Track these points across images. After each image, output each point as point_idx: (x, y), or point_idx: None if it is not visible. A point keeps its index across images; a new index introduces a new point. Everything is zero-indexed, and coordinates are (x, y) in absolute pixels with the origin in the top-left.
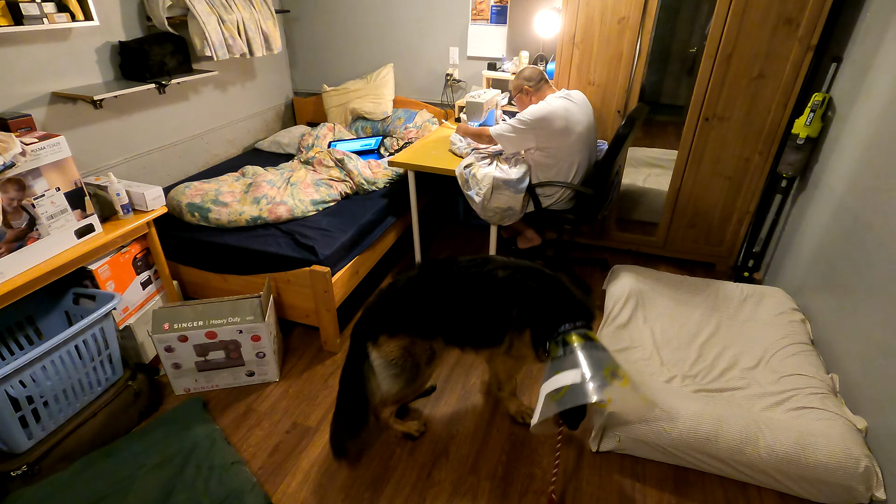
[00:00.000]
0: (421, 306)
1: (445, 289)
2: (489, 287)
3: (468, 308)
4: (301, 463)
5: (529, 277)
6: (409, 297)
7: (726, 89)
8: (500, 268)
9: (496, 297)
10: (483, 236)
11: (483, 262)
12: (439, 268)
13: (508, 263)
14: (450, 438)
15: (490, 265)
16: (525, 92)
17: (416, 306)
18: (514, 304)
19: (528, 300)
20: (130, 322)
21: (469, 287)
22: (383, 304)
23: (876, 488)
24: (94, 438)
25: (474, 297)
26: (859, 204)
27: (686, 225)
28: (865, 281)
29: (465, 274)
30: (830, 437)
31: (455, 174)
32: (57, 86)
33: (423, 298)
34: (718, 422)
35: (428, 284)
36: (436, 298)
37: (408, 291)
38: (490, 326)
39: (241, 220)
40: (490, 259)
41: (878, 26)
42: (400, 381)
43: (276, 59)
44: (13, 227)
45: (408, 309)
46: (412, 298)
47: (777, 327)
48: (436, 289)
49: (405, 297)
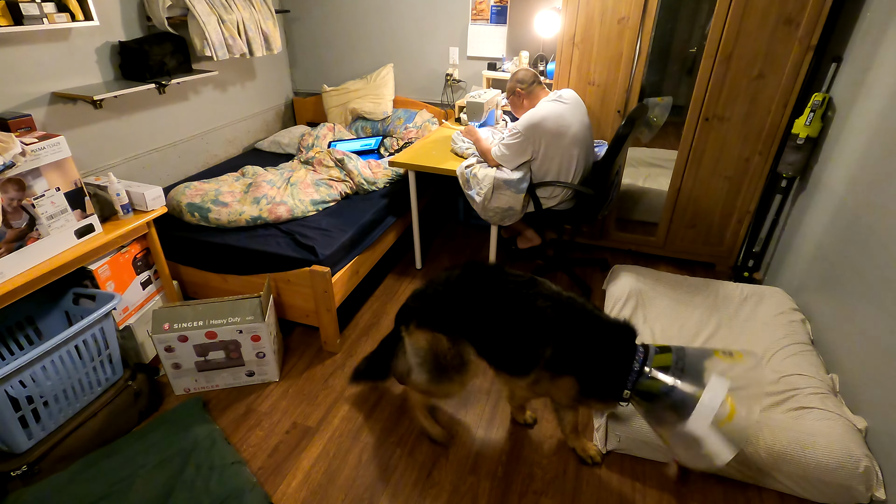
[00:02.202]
0: (453, 305)
1: (481, 297)
2: (524, 312)
3: (498, 326)
4: (301, 463)
5: (570, 317)
6: (445, 293)
7: (726, 89)
8: (543, 296)
9: (528, 327)
10: (483, 236)
11: (529, 283)
12: (483, 274)
13: (553, 295)
14: (449, 438)
15: (534, 289)
16: (517, 94)
17: (448, 304)
18: (547, 344)
19: (566, 343)
20: (130, 322)
21: (504, 304)
22: (423, 293)
23: (876, 488)
24: (94, 438)
25: (506, 317)
26: (859, 204)
27: (686, 225)
28: (865, 281)
29: (505, 288)
30: (830, 437)
31: (455, 174)
32: (57, 86)
33: (457, 299)
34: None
35: (466, 287)
36: (469, 303)
37: (446, 288)
38: (516, 355)
39: (241, 220)
40: (537, 282)
41: (878, 26)
42: (424, 372)
43: (276, 59)
44: (13, 227)
45: (440, 304)
46: (447, 295)
47: (777, 327)
48: (472, 294)
49: (441, 293)
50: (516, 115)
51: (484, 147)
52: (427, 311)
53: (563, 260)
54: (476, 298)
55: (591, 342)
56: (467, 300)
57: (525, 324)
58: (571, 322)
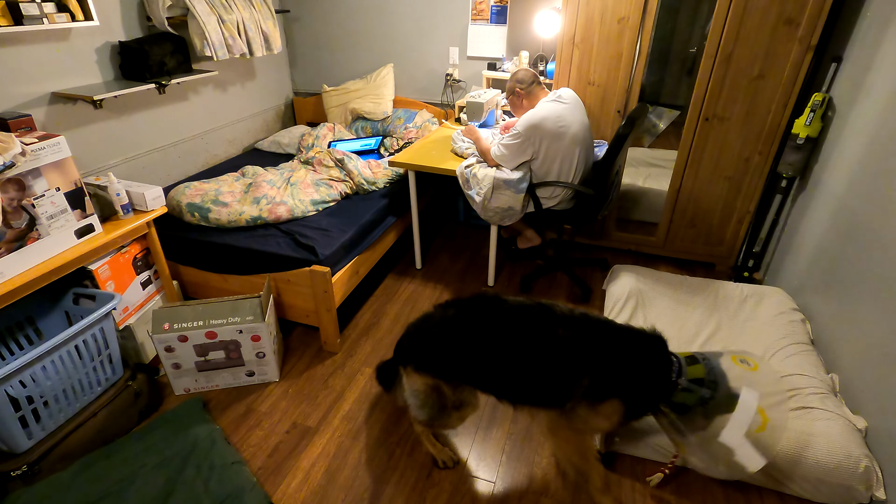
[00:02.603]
0: (453, 348)
1: (488, 335)
2: (547, 346)
3: (515, 365)
4: (301, 463)
5: (601, 340)
6: (444, 334)
7: (726, 89)
8: (561, 324)
9: (556, 361)
10: (483, 236)
11: (540, 311)
12: (485, 308)
13: (570, 320)
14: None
15: (548, 318)
16: (517, 94)
17: (448, 346)
18: (584, 374)
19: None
20: (130, 322)
21: (519, 340)
22: (420, 332)
23: (876, 488)
24: (94, 438)
25: (525, 354)
26: (859, 204)
27: (686, 225)
28: (865, 281)
29: (514, 322)
30: (830, 437)
31: (455, 174)
32: (57, 86)
33: (458, 340)
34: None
35: (468, 325)
36: (473, 343)
37: (444, 328)
38: (544, 391)
39: (241, 220)
40: (548, 308)
41: (878, 26)
42: (424, 412)
43: (276, 59)
44: (13, 227)
45: (439, 347)
46: (446, 337)
47: (777, 327)
48: (476, 333)
49: (440, 334)
50: (515, 115)
51: (484, 147)
52: (425, 354)
53: (563, 260)
54: (482, 337)
55: (631, 361)
56: (471, 340)
57: (551, 358)
58: (604, 345)
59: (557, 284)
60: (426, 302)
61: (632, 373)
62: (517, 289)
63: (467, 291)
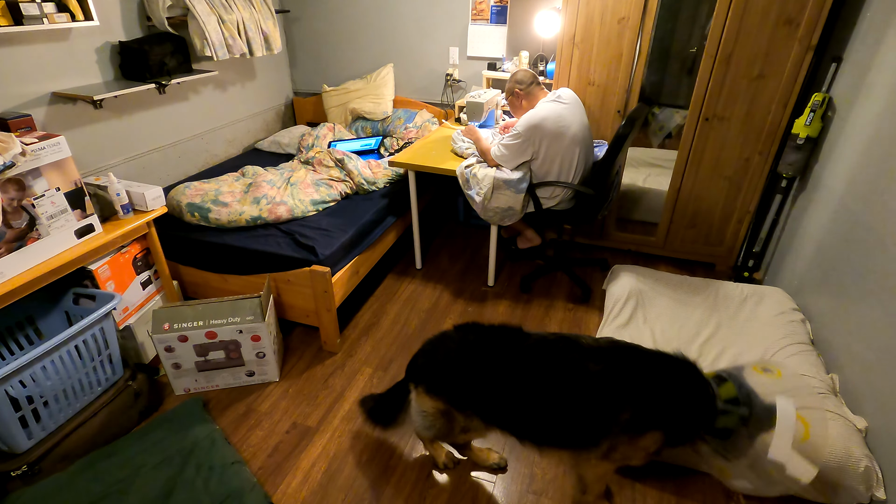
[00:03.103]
0: (471, 379)
1: (510, 372)
2: (578, 382)
3: (543, 405)
4: (301, 463)
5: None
6: (461, 361)
7: (726, 89)
8: (591, 358)
9: (591, 398)
10: (483, 236)
11: (565, 345)
12: (506, 339)
13: (599, 352)
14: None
15: (575, 352)
16: (516, 95)
17: (465, 376)
18: (624, 408)
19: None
20: (130, 322)
21: (547, 380)
22: (436, 353)
23: (876, 488)
24: (94, 438)
25: (555, 394)
26: (859, 204)
27: (686, 225)
28: (865, 281)
29: (540, 359)
30: (830, 437)
31: (455, 174)
32: (57, 86)
33: (477, 372)
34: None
35: (488, 357)
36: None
37: (462, 354)
38: (575, 429)
39: (241, 220)
40: (574, 342)
41: (878, 26)
42: (429, 432)
43: (276, 59)
44: (13, 227)
45: (455, 374)
46: (463, 365)
47: (777, 327)
48: (497, 367)
49: (457, 359)
50: (515, 115)
51: (484, 147)
52: (440, 377)
53: (562, 260)
54: (505, 372)
55: (671, 389)
56: (492, 374)
57: (585, 395)
58: (642, 375)
59: (557, 284)
60: (426, 302)
61: (674, 402)
62: (517, 289)
63: (467, 291)
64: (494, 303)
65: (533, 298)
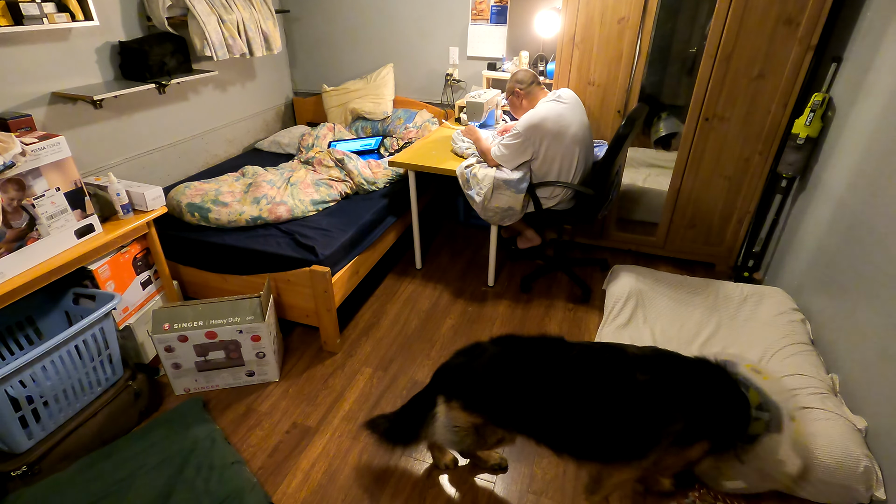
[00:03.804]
0: (514, 393)
1: (556, 384)
2: (627, 393)
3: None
4: (301, 463)
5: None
6: (502, 374)
7: (726, 89)
8: (638, 367)
9: (639, 409)
10: (483, 236)
11: (611, 354)
12: (548, 350)
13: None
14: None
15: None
16: (516, 94)
17: (507, 390)
18: (676, 419)
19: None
20: (130, 322)
21: (594, 391)
22: (473, 366)
23: (876, 488)
24: (94, 438)
25: (603, 405)
26: (859, 204)
27: (686, 225)
28: (865, 281)
29: (586, 370)
30: (830, 437)
31: (455, 174)
32: (57, 86)
33: (520, 385)
34: None
35: (531, 370)
36: (539, 392)
37: (503, 367)
38: (624, 441)
39: (241, 220)
40: (619, 351)
41: (878, 26)
42: (456, 446)
43: (276, 59)
44: (13, 227)
45: (495, 389)
46: (505, 378)
47: (777, 327)
48: (541, 379)
49: (497, 373)
50: (515, 115)
51: (484, 147)
52: (475, 392)
53: (563, 260)
54: (550, 385)
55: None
56: (536, 386)
57: (634, 406)
58: (690, 384)
59: (557, 284)
60: (426, 302)
61: (721, 411)
62: (517, 289)
63: (467, 291)
64: (494, 303)
65: (533, 298)
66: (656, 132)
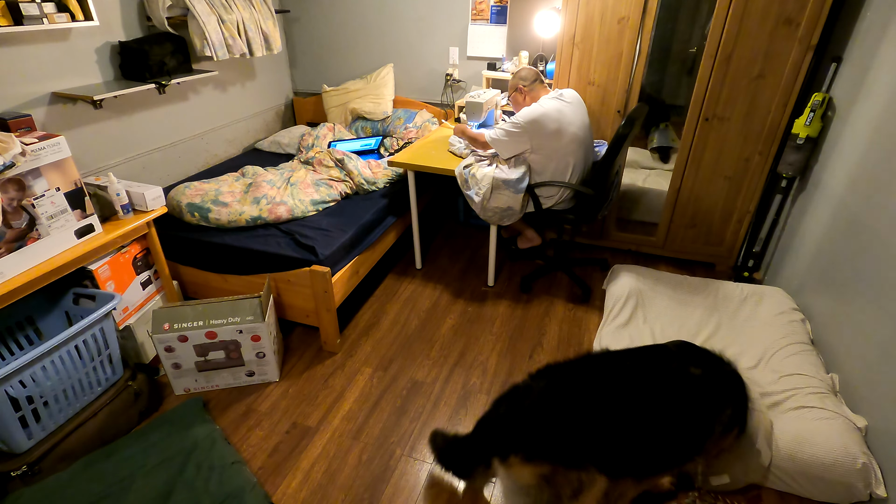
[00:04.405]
0: (571, 421)
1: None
2: (687, 390)
3: (650, 420)
4: (301, 463)
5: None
6: (560, 409)
7: (726, 89)
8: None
9: (699, 402)
10: (483, 236)
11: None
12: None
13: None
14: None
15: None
16: (519, 90)
17: (563, 421)
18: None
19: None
20: (130, 322)
21: (655, 392)
22: (521, 412)
23: (875, 486)
24: (94, 438)
25: (667, 405)
26: (859, 204)
27: (686, 225)
28: (865, 280)
29: (641, 375)
30: (829, 435)
31: (455, 174)
32: (57, 86)
33: (575, 410)
34: None
35: (584, 392)
36: (594, 409)
37: (557, 401)
38: (686, 439)
39: (241, 220)
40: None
41: (878, 26)
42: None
43: (276, 59)
44: (13, 227)
45: (552, 425)
46: (564, 412)
47: (777, 327)
48: (594, 396)
49: (553, 409)
50: (517, 112)
51: (473, 133)
52: (531, 437)
53: (563, 260)
54: (608, 400)
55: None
56: (595, 407)
57: (695, 399)
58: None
59: (557, 284)
60: (426, 302)
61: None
62: (517, 289)
63: (467, 291)
64: (494, 303)
65: (533, 298)
66: (651, 140)
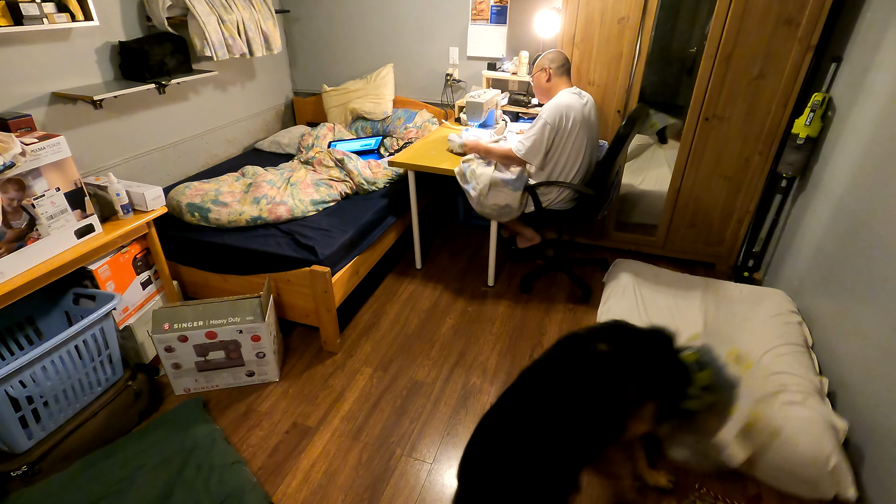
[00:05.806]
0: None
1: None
2: (590, 367)
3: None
4: (301, 463)
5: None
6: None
7: (726, 89)
8: (602, 341)
9: (605, 385)
10: (483, 236)
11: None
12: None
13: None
14: (448, 438)
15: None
16: (545, 71)
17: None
18: (632, 378)
19: (643, 370)
20: (130, 322)
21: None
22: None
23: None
24: (94, 438)
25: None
26: (859, 204)
27: (686, 225)
28: (865, 281)
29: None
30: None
31: (454, 173)
32: (57, 86)
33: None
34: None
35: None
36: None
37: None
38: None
39: (241, 220)
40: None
41: (878, 26)
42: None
43: (276, 59)
44: (13, 227)
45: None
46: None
47: (773, 328)
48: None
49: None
50: (535, 92)
51: (500, 151)
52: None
53: (562, 260)
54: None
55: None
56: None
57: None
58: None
59: (557, 284)
60: (426, 301)
61: (663, 374)
62: (517, 289)
63: (467, 291)
64: (494, 303)
65: (533, 298)
66: (652, 126)
